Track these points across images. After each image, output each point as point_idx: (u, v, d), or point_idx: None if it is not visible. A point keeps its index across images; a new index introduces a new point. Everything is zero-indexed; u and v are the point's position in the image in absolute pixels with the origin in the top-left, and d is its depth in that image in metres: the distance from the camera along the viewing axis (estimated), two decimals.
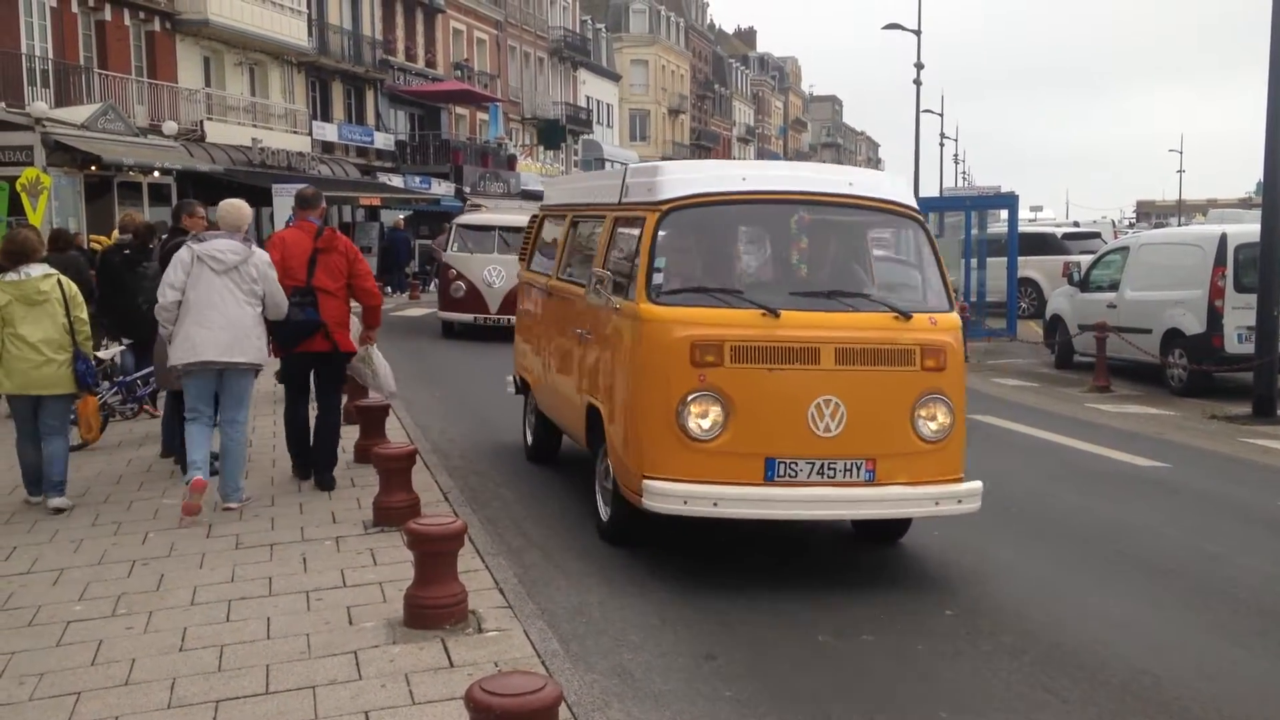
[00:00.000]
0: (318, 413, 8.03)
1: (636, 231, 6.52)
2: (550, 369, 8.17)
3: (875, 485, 5.97)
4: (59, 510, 7.34)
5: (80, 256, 12.49)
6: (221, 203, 7.70)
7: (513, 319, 16.71)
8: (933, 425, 6.07)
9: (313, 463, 7.98)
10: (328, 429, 7.97)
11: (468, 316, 18.50)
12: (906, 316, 6.10)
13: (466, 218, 19.86)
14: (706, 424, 5.90)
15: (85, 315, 7.55)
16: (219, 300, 7.05)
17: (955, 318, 6.34)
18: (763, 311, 5.96)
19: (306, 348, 7.71)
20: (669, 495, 5.89)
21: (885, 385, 5.99)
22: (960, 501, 6.17)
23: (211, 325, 7.03)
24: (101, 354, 12.39)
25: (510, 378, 9.87)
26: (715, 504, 5.91)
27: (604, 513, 6.89)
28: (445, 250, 20.11)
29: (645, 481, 5.94)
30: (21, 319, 7.24)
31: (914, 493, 6.07)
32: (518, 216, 19.13)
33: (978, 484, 6.26)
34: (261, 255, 7.33)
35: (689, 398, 5.86)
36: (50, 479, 7.42)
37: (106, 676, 4.70)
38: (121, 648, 5.01)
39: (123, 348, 12.46)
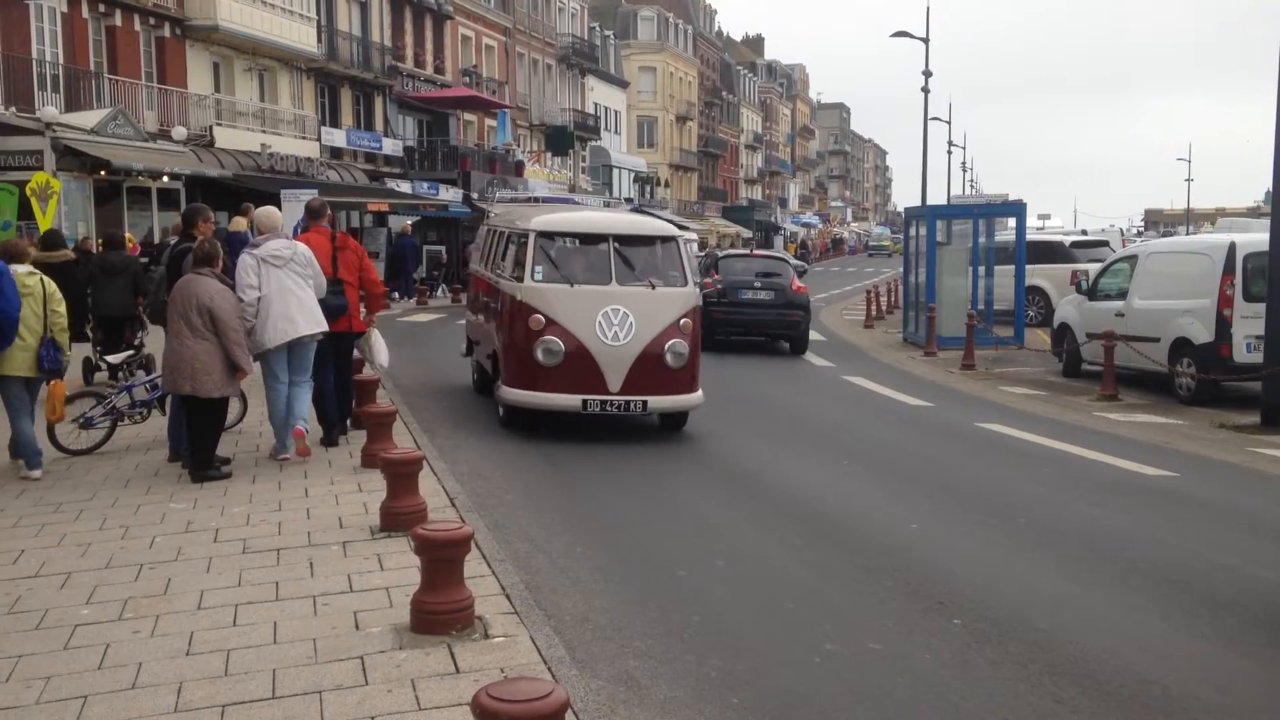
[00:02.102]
0: (335, 380, 9.75)
1: None
2: None
3: None
4: (33, 479, 8.48)
5: (134, 258, 13.39)
6: (258, 211, 9.58)
7: (649, 401, 10.55)
8: None
9: (330, 421, 9.69)
10: (344, 392, 9.93)
11: (571, 399, 10.39)
12: None
13: (541, 221, 11.23)
14: None
15: (62, 310, 8.64)
16: (287, 290, 8.73)
17: None
18: None
19: (332, 327, 9.33)
20: None
21: None
22: None
23: (290, 309, 8.73)
24: (111, 358, 12.49)
25: None
26: None
27: None
28: (487, 268, 12.43)
29: None
30: None
31: None
32: (625, 216, 13.51)
33: None
34: (303, 246, 9.06)
35: None
36: (23, 453, 8.65)
37: (114, 680, 4.70)
38: (128, 651, 5.01)
39: (132, 352, 12.56)
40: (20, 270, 8.50)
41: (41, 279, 8.62)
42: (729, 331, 20.11)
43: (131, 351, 12.57)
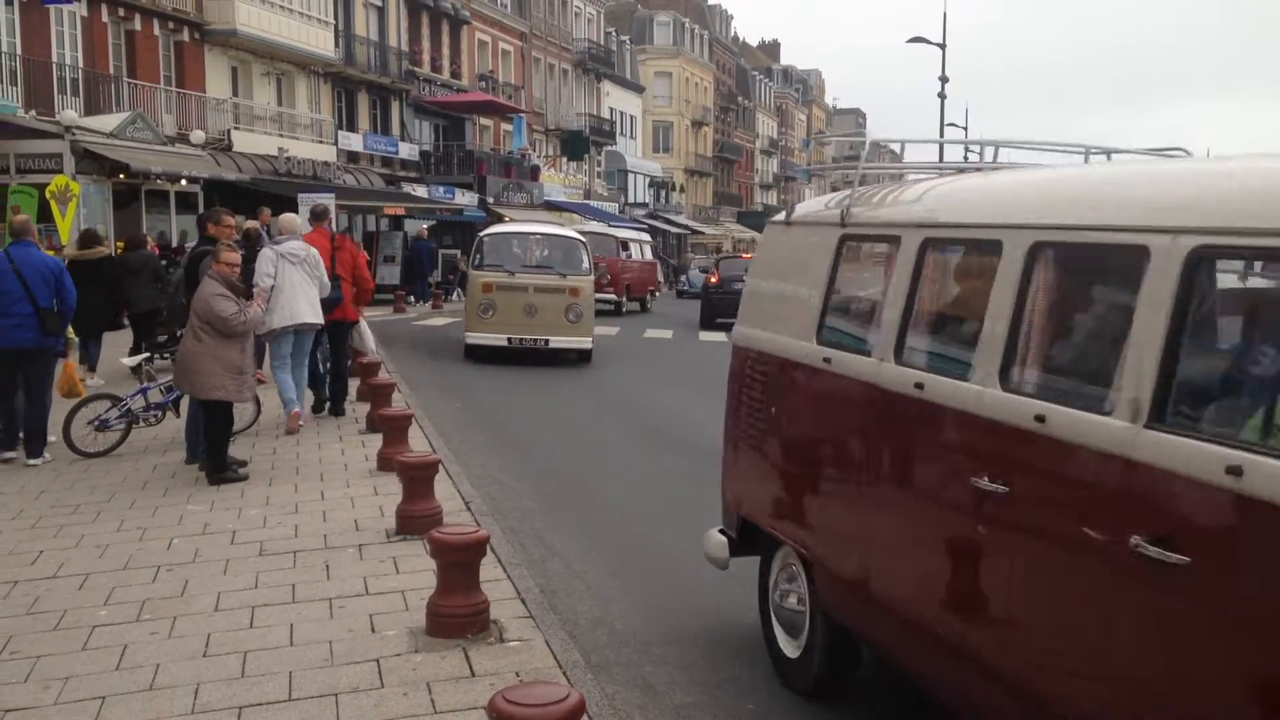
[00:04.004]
0: (330, 362, 11.27)
1: None
2: None
3: None
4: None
5: (153, 255, 14.40)
6: (280, 217, 10.92)
7: None
8: None
9: (328, 398, 11.23)
10: (339, 374, 11.28)
11: None
12: None
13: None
14: None
15: None
16: (298, 284, 9.99)
17: None
18: None
19: (329, 317, 10.67)
20: None
21: None
22: None
23: (298, 300, 10.00)
24: (126, 361, 12.56)
25: None
26: None
27: None
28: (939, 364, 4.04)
29: None
30: None
31: None
32: None
33: None
34: (315, 250, 10.33)
35: None
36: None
37: (131, 681, 4.72)
38: (146, 652, 5.03)
39: (146, 355, 12.67)
40: None
41: None
42: (726, 313, 24.45)
43: (148, 354, 12.70)
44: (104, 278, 13.30)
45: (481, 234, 18.16)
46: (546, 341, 16.34)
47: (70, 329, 9.97)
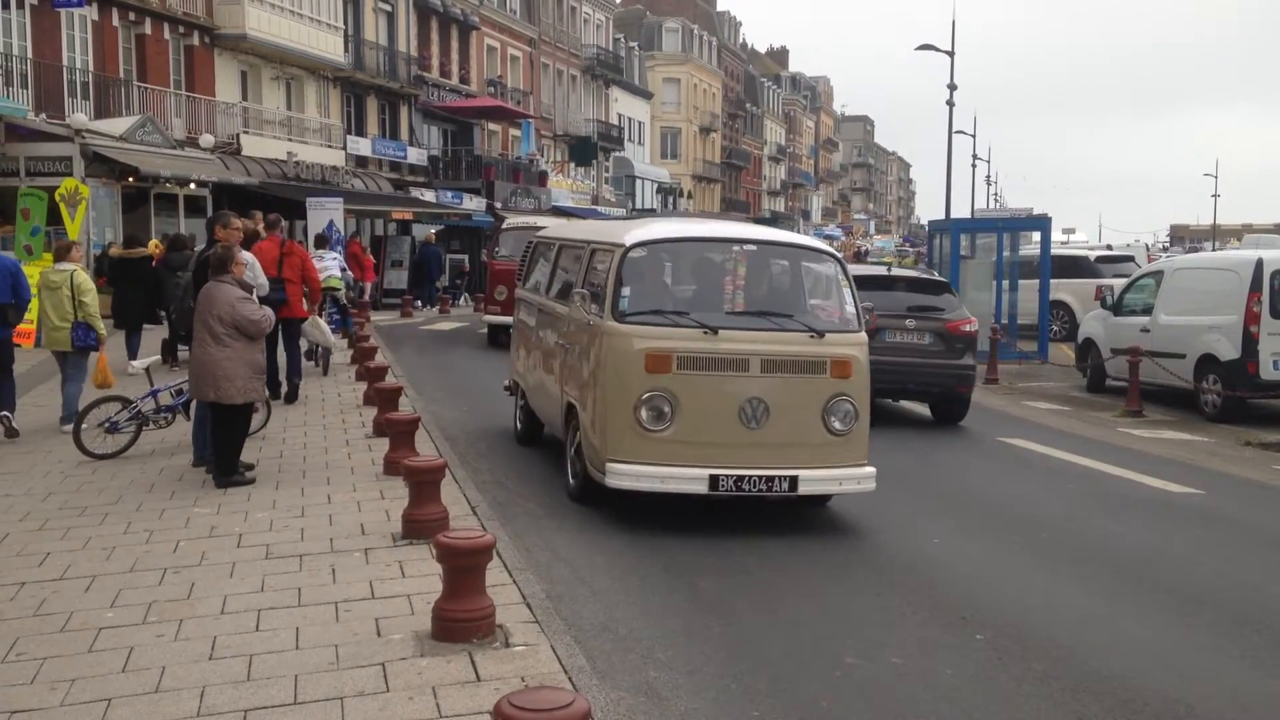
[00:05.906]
0: (285, 354, 12.47)
1: None
2: None
3: None
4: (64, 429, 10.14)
5: (192, 255, 14.93)
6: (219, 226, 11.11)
7: None
8: None
9: (276, 385, 12.01)
10: (292, 364, 12.61)
11: None
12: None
13: None
14: None
15: (89, 299, 10.51)
16: None
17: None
18: None
19: (279, 315, 11.27)
20: None
21: None
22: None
23: None
24: (136, 364, 12.62)
25: None
26: None
27: None
28: None
29: None
30: (45, 298, 10.61)
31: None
32: None
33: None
34: (251, 256, 10.69)
35: None
36: (64, 411, 10.56)
37: (137, 683, 4.73)
38: (152, 655, 5.04)
39: (156, 358, 12.75)
40: (57, 268, 10.64)
41: (71, 275, 10.51)
42: None
43: (157, 357, 12.78)
44: (144, 275, 14.61)
45: (626, 247, 7.93)
46: (793, 481, 7.56)
47: (101, 325, 10.73)
